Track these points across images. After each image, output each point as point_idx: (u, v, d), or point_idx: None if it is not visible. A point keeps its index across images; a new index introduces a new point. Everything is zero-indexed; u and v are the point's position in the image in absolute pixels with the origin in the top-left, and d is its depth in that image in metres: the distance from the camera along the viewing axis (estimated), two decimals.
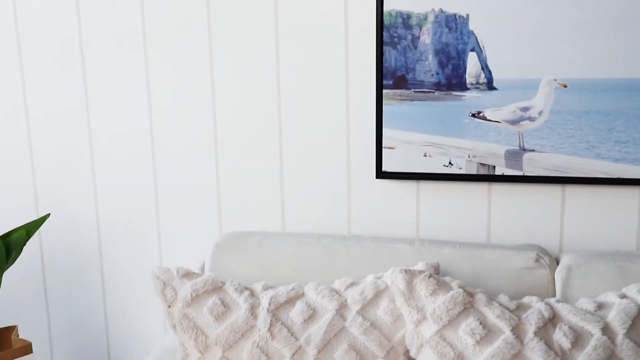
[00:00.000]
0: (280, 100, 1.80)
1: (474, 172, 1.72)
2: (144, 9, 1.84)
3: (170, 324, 1.48)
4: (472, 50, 1.66)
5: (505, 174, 1.70)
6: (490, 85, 1.67)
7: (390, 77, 1.71)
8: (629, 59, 1.59)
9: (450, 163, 1.73)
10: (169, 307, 1.48)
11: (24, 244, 1.69)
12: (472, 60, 1.67)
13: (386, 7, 1.68)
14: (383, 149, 1.75)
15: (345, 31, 1.73)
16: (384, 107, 1.73)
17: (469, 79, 1.68)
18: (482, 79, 1.67)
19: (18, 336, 1.58)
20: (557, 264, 1.59)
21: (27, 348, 1.39)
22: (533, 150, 1.68)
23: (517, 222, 1.75)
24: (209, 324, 1.44)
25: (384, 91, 1.72)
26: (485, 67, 1.66)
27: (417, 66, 1.70)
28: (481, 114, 1.69)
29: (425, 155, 1.74)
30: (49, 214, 1.71)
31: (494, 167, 1.71)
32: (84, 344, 2.12)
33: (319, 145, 1.81)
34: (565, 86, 1.63)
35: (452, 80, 1.69)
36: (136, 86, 1.89)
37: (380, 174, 1.77)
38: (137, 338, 2.07)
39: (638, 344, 1.31)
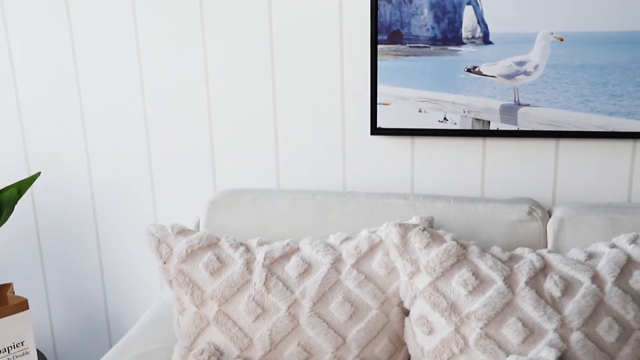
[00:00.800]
0: (274, 58, 1.79)
1: (468, 127, 1.72)
2: None
3: (166, 280, 1.50)
4: (468, 3, 1.64)
5: (500, 128, 1.70)
6: (486, 40, 1.66)
7: (385, 32, 1.70)
8: (625, 12, 1.57)
9: (445, 119, 1.73)
10: (165, 263, 1.49)
11: (15, 203, 1.69)
12: (468, 14, 1.65)
13: None
14: (378, 105, 1.75)
15: None
16: (379, 63, 1.72)
17: (465, 33, 1.66)
18: (478, 33, 1.66)
19: (14, 293, 1.59)
20: (550, 217, 1.60)
21: (23, 304, 1.41)
22: (528, 105, 1.67)
23: (511, 176, 1.75)
24: (204, 279, 1.45)
25: (379, 47, 1.71)
26: (481, 21, 1.65)
27: (413, 21, 1.68)
28: (477, 69, 1.68)
29: (420, 111, 1.73)
30: (40, 173, 1.71)
31: (489, 122, 1.70)
32: (81, 301, 2.14)
33: (313, 102, 1.80)
34: (561, 40, 1.62)
35: (448, 35, 1.67)
36: (126, 44, 1.87)
37: (375, 130, 1.77)
38: (134, 295, 2.09)
39: (626, 291, 1.33)
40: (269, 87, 1.82)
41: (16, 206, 2.06)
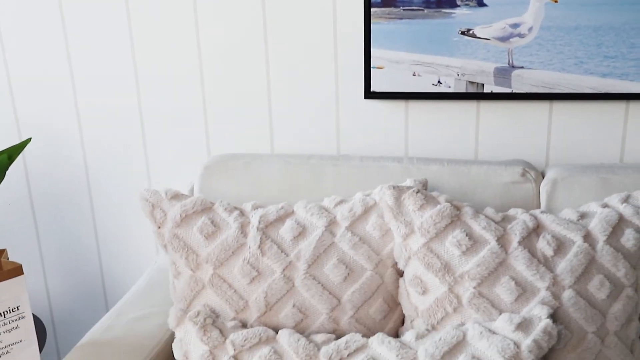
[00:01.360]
0: (267, 21, 1.77)
1: (462, 90, 1.72)
2: None
3: (160, 244, 1.50)
4: None
5: (493, 91, 1.70)
6: (480, 2, 1.64)
7: None
8: None
9: (439, 82, 1.72)
10: (159, 228, 1.49)
11: (7, 169, 1.68)
12: None
13: None
14: (371, 69, 1.74)
15: None
16: (372, 26, 1.71)
17: None
18: None
19: (8, 259, 1.60)
20: (543, 178, 1.61)
21: (18, 270, 1.41)
22: (522, 67, 1.67)
23: (504, 139, 1.76)
24: (199, 243, 1.46)
25: (372, 9, 1.69)
26: None
27: None
28: (470, 32, 1.67)
29: (414, 75, 1.73)
30: (30, 138, 1.70)
31: (483, 85, 1.70)
32: (76, 266, 2.14)
33: (307, 66, 1.79)
34: (555, 1, 1.61)
35: None
36: (116, 7, 1.85)
37: (369, 94, 1.77)
38: (129, 259, 2.10)
39: (617, 249, 1.35)
40: (262, 51, 1.80)
41: (8, 173, 2.05)
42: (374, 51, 1.72)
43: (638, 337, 1.40)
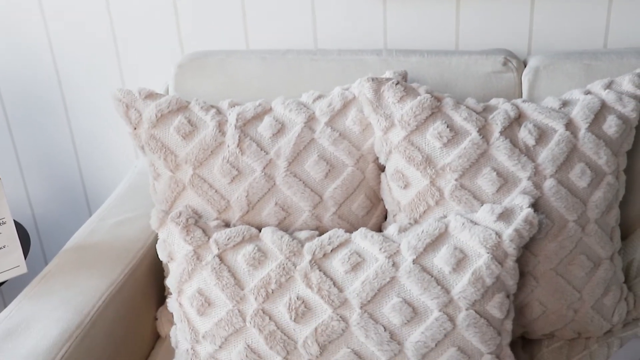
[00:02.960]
0: None
1: None
2: None
3: (138, 145, 1.47)
4: None
5: None
6: None
7: None
8: None
9: None
10: (135, 129, 1.46)
11: None
12: None
13: None
14: None
15: None
16: None
17: None
18: None
19: None
20: (525, 67, 1.58)
21: None
22: None
23: (486, 28, 1.71)
24: (177, 143, 1.43)
25: None
26: None
27: None
28: None
29: None
30: None
31: None
32: (56, 174, 2.12)
33: None
34: None
35: None
36: None
37: None
38: (109, 165, 2.08)
39: (599, 136, 1.34)
40: None
41: None
42: None
43: (617, 224, 1.42)
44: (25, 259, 1.48)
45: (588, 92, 1.40)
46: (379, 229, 1.48)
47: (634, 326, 1.42)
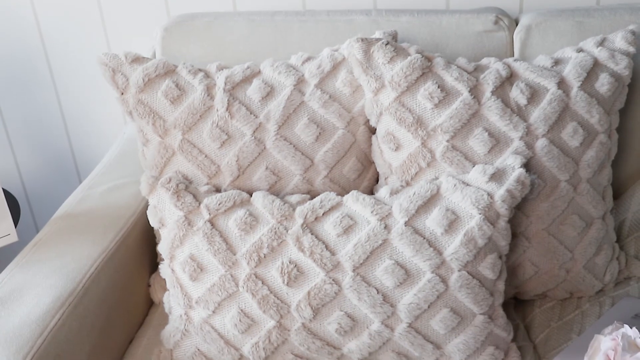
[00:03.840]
0: None
1: None
2: None
3: (126, 111, 1.45)
4: None
5: None
6: None
7: None
8: None
9: None
10: (122, 94, 1.44)
11: None
12: None
13: None
14: None
15: None
16: None
17: None
18: None
19: None
20: (517, 25, 1.56)
21: None
22: None
23: None
24: (165, 108, 1.41)
25: None
26: None
27: None
28: None
29: None
30: None
31: None
32: (45, 142, 2.10)
33: None
34: None
35: None
36: None
37: None
38: (98, 132, 2.06)
39: (591, 95, 1.33)
40: None
41: None
42: None
43: (609, 183, 1.42)
44: (15, 227, 1.47)
45: (580, 50, 1.39)
46: (371, 191, 1.48)
47: (626, 285, 1.43)
